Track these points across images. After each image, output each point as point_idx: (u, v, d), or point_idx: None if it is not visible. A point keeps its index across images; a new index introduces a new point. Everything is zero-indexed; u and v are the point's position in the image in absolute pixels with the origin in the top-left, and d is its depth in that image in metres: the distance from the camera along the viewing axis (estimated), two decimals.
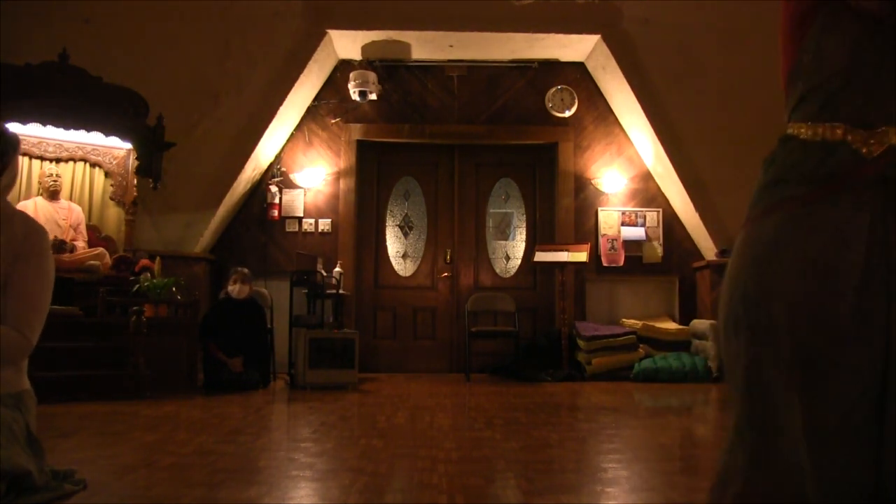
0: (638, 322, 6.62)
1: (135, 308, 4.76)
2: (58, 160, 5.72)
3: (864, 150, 1.16)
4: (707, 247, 6.74)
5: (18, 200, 5.49)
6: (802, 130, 1.25)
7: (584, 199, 7.05)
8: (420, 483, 2.18)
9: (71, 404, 4.09)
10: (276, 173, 6.91)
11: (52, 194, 5.55)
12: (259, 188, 6.95)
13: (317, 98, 7.01)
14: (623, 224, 7.00)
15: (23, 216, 2.00)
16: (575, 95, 7.09)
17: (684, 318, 6.86)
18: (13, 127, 5.11)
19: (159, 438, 3.04)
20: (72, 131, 5.39)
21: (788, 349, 1.14)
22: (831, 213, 1.16)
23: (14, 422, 1.85)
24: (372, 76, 6.75)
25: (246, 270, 5.72)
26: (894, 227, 1.13)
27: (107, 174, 5.93)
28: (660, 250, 6.99)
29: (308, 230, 6.95)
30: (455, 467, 2.42)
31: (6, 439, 1.78)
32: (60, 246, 5.26)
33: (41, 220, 5.36)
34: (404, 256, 7.29)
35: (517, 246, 7.36)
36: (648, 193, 7.05)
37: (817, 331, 1.13)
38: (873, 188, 1.14)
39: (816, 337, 1.13)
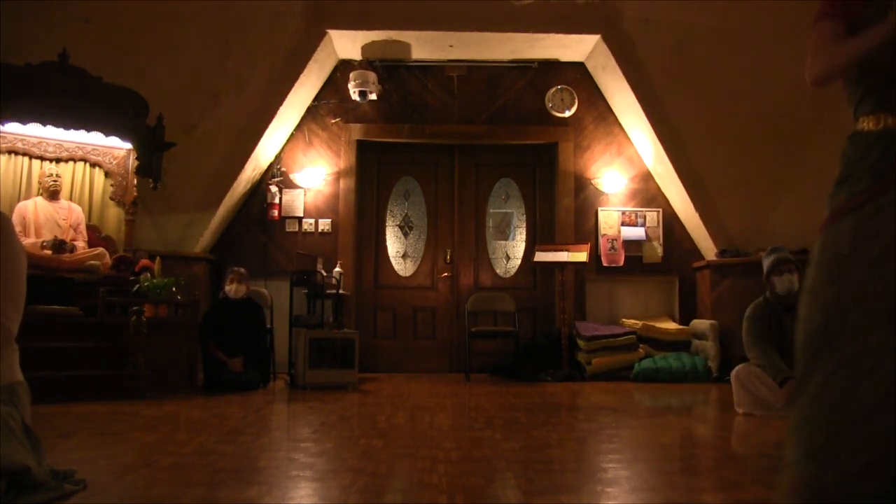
0: (638, 322, 6.62)
1: (135, 308, 4.76)
2: (58, 160, 5.72)
3: None
4: (707, 247, 6.74)
5: (18, 200, 5.50)
6: (866, 123, 1.31)
7: (584, 199, 7.05)
8: (420, 483, 2.18)
9: (71, 404, 4.09)
10: (276, 173, 6.91)
11: (52, 194, 5.55)
12: (259, 188, 6.95)
13: (317, 98, 7.02)
14: (623, 224, 7.00)
15: None
16: (575, 95, 7.09)
17: (684, 318, 6.86)
18: (13, 127, 5.13)
19: (159, 438, 3.04)
20: (72, 131, 5.39)
21: (872, 357, 1.17)
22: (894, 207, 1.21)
23: (10, 417, 1.84)
24: (372, 76, 6.75)
25: (242, 270, 5.72)
26: None
27: (107, 174, 5.92)
28: (660, 250, 6.99)
29: (308, 230, 6.96)
30: (455, 467, 2.42)
31: (3, 436, 1.77)
32: (60, 246, 5.26)
33: (41, 220, 5.37)
34: (404, 256, 7.30)
35: (517, 246, 7.36)
36: (648, 193, 7.05)
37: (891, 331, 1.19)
38: None
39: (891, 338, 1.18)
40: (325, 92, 7.04)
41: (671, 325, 6.74)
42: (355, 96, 6.78)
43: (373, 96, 6.80)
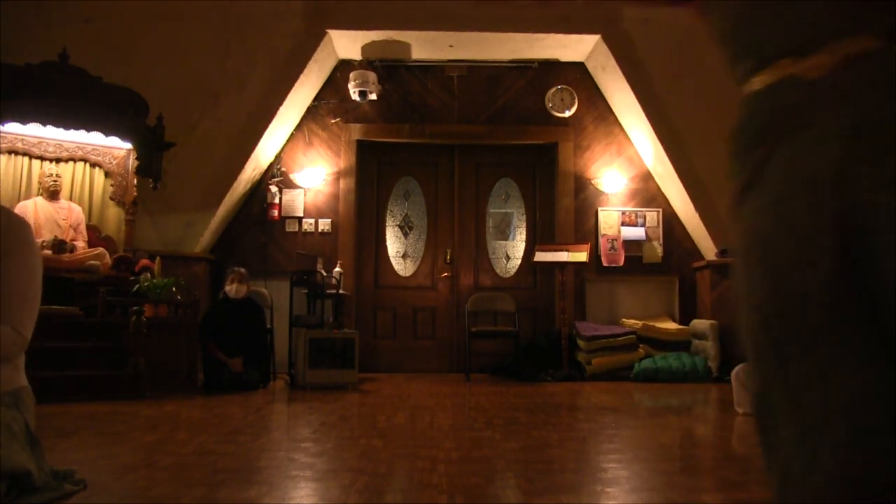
0: (638, 322, 6.62)
1: (135, 308, 4.76)
2: (58, 160, 5.72)
3: (814, 75, 0.90)
4: (707, 247, 6.74)
5: (18, 200, 5.49)
6: (753, 83, 1.01)
7: (584, 199, 7.05)
8: (420, 483, 2.18)
9: (71, 404, 4.09)
10: (276, 173, 6.91)
11: (52, 194, 5.54)
12: (259, 188, 6.95)
13: (317, 98, 7.01)
14: (623, 224, 7.00)
15: (4, 211, 1.98)
16: (575, 95, 7.09)
17: (684, 318, 6.86)
18: (13, 127, 5.13)
19: (159, 438, 3.04)
20: (72, 131, 5.39)
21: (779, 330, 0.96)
22: (795, 161, 0.93)
23: (13, 420, 1.84)
24: (372, 76, 6.75)
25: (243, 270, 5.71)
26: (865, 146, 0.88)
27: (107, 174, 5.92)
28: (660, 250, 6.99)
29: (308, 230, 6.95)
30: (455, 467, 2.42)
31: (6, 438, 1.77)
32: (60, 246, 5.26)
33: (41, 220, 5.37)
34: (404, 256, 7.29)
35: (517, 246, 7.36)
36: (648, 193, 7.05)
37: (803, 308, 0.92)
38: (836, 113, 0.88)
39: (802, 314, 0.92)
40: (325, 92, 7.04)
41: (671, 325, 6.74)
42: (355, 96, 6.78)
43: (373, 96, 6.80)
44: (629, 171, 7.04)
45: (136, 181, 5.73)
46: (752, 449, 2.65)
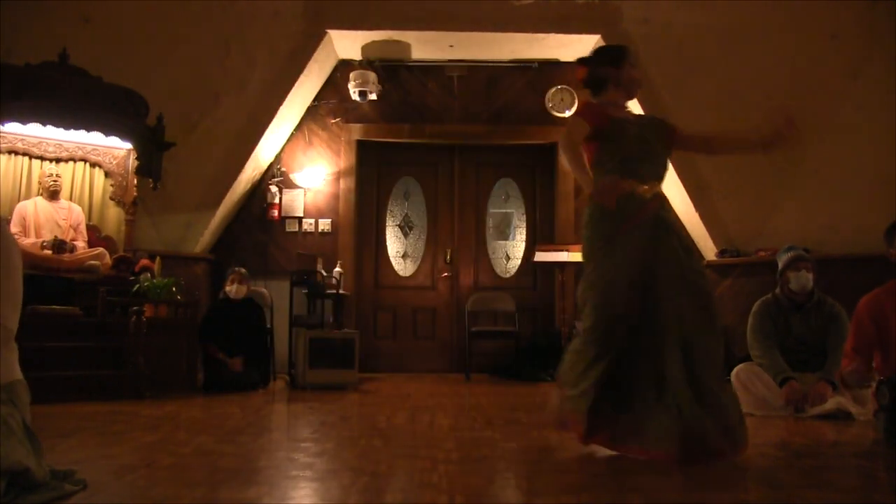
0: None
1: (135, 308, 4.76)
2: (58, 160, 5.71)
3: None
4: (707, 247, 6.73)
5: (18, 200, 5.49)
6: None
7: (585, 199, 7.03)
8: (420, 483, 2.18)
9: (71, 404, 4.09)
10: (276, 173, 6.91)
11: (52, 194, 5.54)
12: (259, 188, 6.95)
13: (317, 98, 7.01)
14: None
15: None
16: (575, 95, 7.09)
17: None
18: (13, 127, 5.13)
19: (159, 438, 3.04)
20: (72, 131, 5.38)
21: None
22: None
23: (10, 416, 1.83)
24: (372, 76, 6.75)
25: (243, 270, 5.71)
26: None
27: (107, 174, 5.91)
28: None
29: (308, 230, 6.96)
30: (455, 467, 2.42)
31: (3, 435, 1.77)
32: (60, 246, 5.25)
33: (41, 220, 5.38)
34: (404, 256, 7.30)
35: (517, 246, 7.36)
36: None
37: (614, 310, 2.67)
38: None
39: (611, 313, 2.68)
40: (325, 92, 7.03)
41: None
42: (355, 96, 6.78)
43: (373, 96, 6.80)
44: None
45: (136, 181, 5.72)
46: (752, 449, 2.65)
